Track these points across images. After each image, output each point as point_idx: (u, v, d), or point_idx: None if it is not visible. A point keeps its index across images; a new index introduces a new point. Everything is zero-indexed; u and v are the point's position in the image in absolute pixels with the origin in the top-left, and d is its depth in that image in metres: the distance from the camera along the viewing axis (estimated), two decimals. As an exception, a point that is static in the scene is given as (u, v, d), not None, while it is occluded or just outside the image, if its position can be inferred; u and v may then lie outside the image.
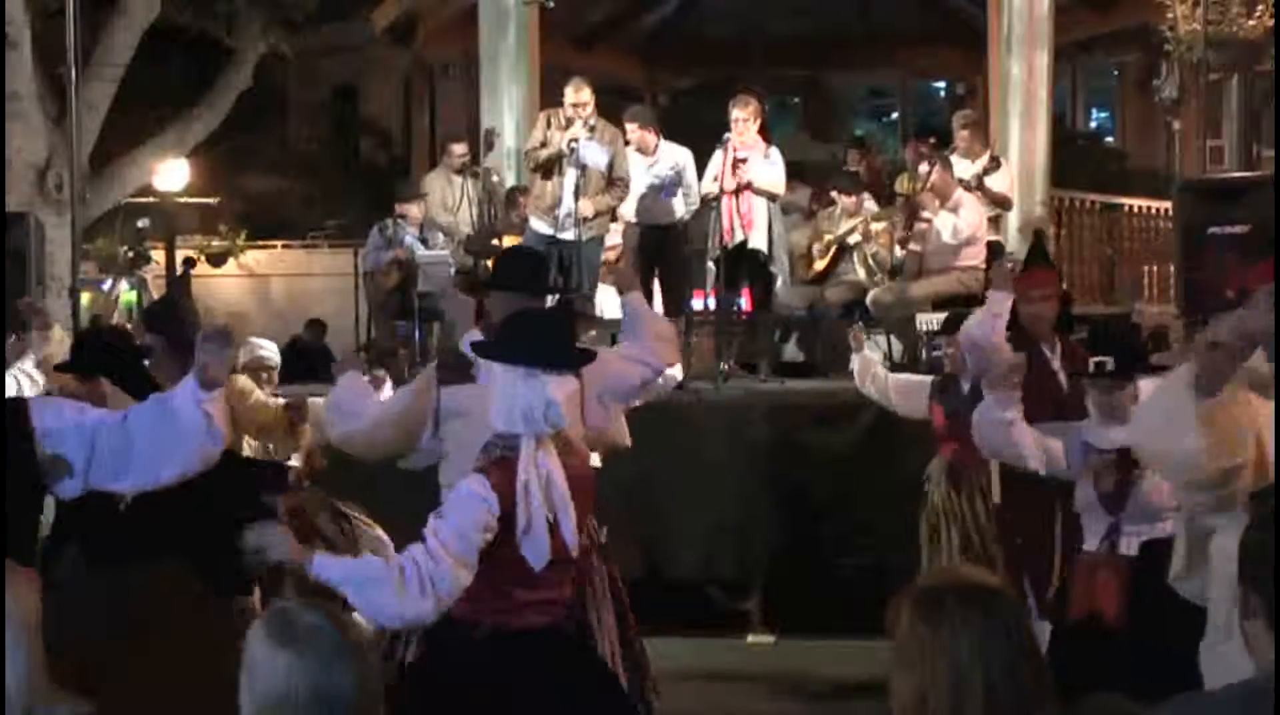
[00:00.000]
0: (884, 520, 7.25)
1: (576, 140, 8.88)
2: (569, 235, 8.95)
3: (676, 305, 9.69)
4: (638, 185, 9.45)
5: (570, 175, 8.95)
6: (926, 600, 2.31)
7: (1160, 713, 2.20)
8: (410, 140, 21.17)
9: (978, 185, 9.55)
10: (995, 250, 9.77)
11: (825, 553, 7.77)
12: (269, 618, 2.36)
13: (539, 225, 9.12)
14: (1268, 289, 3.38)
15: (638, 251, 9.69)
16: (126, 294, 12.59)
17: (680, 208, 9.54)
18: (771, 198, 9.24)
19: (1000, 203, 9.97)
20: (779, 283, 9.66)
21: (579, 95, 8.98)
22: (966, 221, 9.16)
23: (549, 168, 9.06)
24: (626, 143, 9.37)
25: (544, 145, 9.05)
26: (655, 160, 9.49)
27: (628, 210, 9.57)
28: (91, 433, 3.36)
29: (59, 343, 5.82)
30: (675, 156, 9.52)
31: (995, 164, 9.77)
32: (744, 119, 9.11)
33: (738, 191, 9.04)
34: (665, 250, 9.58)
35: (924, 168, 9.48)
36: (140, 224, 10.13)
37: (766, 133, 9.52)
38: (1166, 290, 11.77)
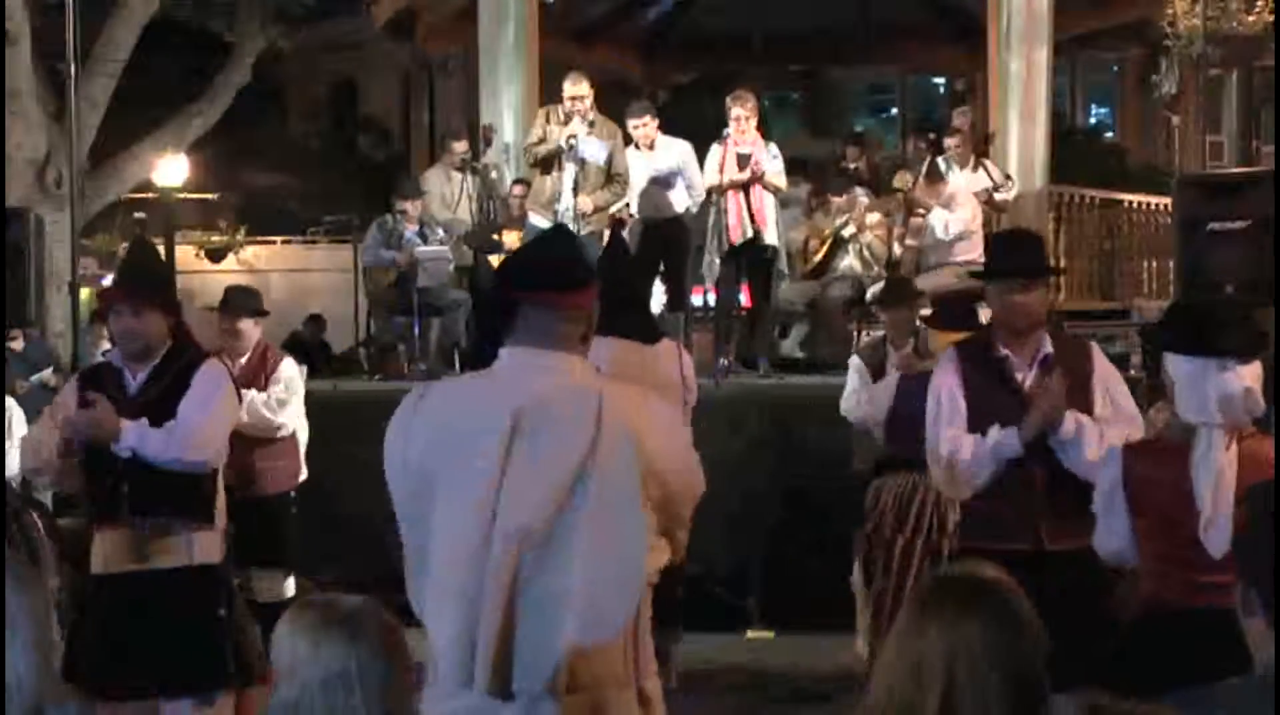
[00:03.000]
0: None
1: (575, 136, 8.90)
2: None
3: (679, 300, 9.71)
4: (640, 179, 9.46)
5: (569, 171, 8.97)
6: (924, 593, 2.32)
7: (1161, 708, 2.21)
8: (409, 136, 21.21)
9: (986, 200, 9.67)
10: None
11: (825, 549, 7.77)
12: (305, 610, 2.40)
13: (538, 220, 9.13)
14: None
15: (641, 246, 9.70)
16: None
17: (683, 201, 9.54)
18: (776, 192, 9.26)
19: (1002, 210, 10.15)
20: (784, 282, 9.70)
21: (577, 88, 8.99)
22: (960, 217, 9.22)
23: (548, 163, 9.08)
24: (628, 137, 9.40)
25: (543, 141, 9.07)
26: (657, 154, 9.50)
27: (630, 205, 9.59)
28: None
29: None
30: (676, 149, 9.53)
31: (1008, 180, 9.98)
32: (743, 116, 9.11)
33: (748, 187, 9.03)
34: (669, 244, 9.60)
35: (909, 177, 9.61)
36: (137, 215, 10.13)
37: (763, 129, 9.52)
38: (1166, 286, 11.77)
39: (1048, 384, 4.28)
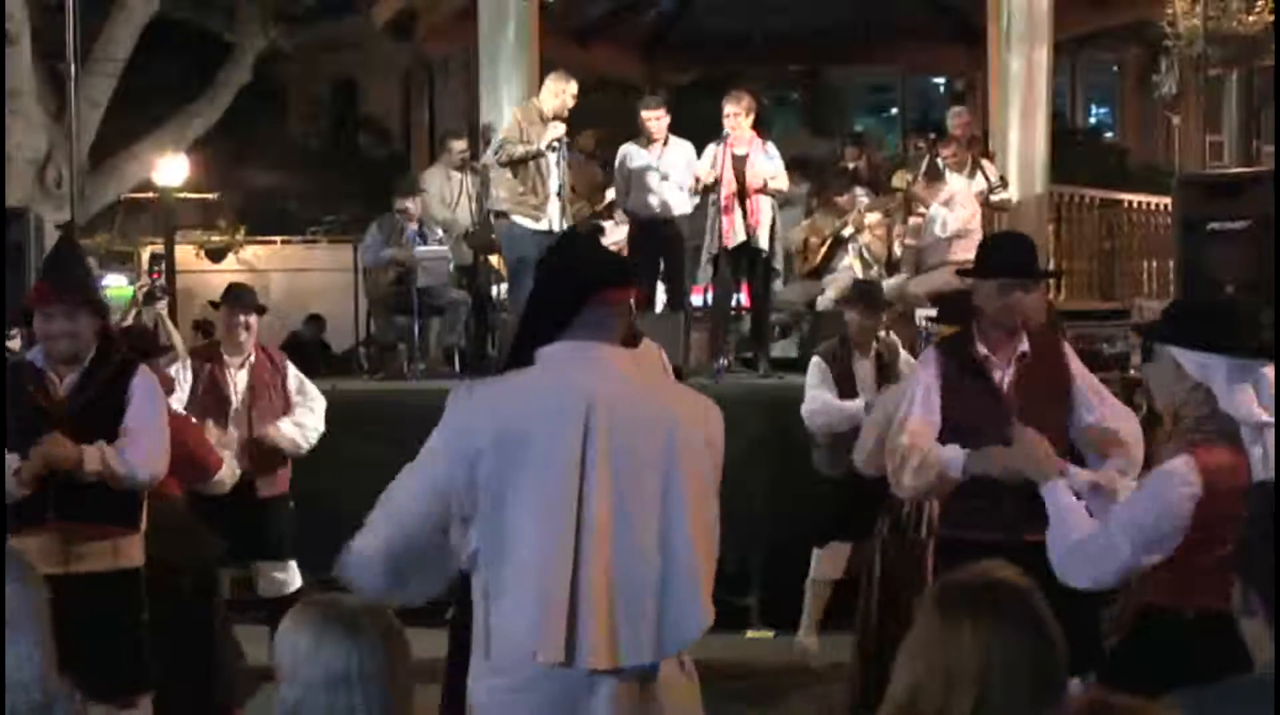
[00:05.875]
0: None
1: (560, 141, 8.98)
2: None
3: (678, 300, 9.71)
4: (646, 176, 9.46)
5: (555, 173, 9.09)
6: (946, 594, 2.31)
7: (1159, 705, 2.21)
8: (409, 135, 21.18)
9: (984, 202, 9.67)
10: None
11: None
12: (307, 609, 2.41)
13: (525, 222, 9.18)
14: None
15: (640, 245, 9.71)
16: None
17: (685, 202, 9.54)
18: (777, 194, 9.27)
19: (1003, 210, 10.15)
20: (779, 281, 9.69)
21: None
22: (959, 216, 9.23)
23: (517, 164, 9.19)
24: (633, 135, 9.49)
25: (525, 142, 9.11)
26: (667, 152, 9.50)
27: (636, 204, 9.62)
28: None
29: None
30: (684, 150, 9.53)
31: (1004, 183, 9.97)
32: (736, 114, 9.10)
33: (743, 191, 9.02)
34: (669, 244, 9.60)
35: (908, 177, 9.63)
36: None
37: (760, 129, 9.51)
38: (1166, 286, 11.77)
39: (1023, 437, 3.93)
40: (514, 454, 3.01)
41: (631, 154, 9.55)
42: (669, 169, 9.46)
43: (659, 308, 9.89)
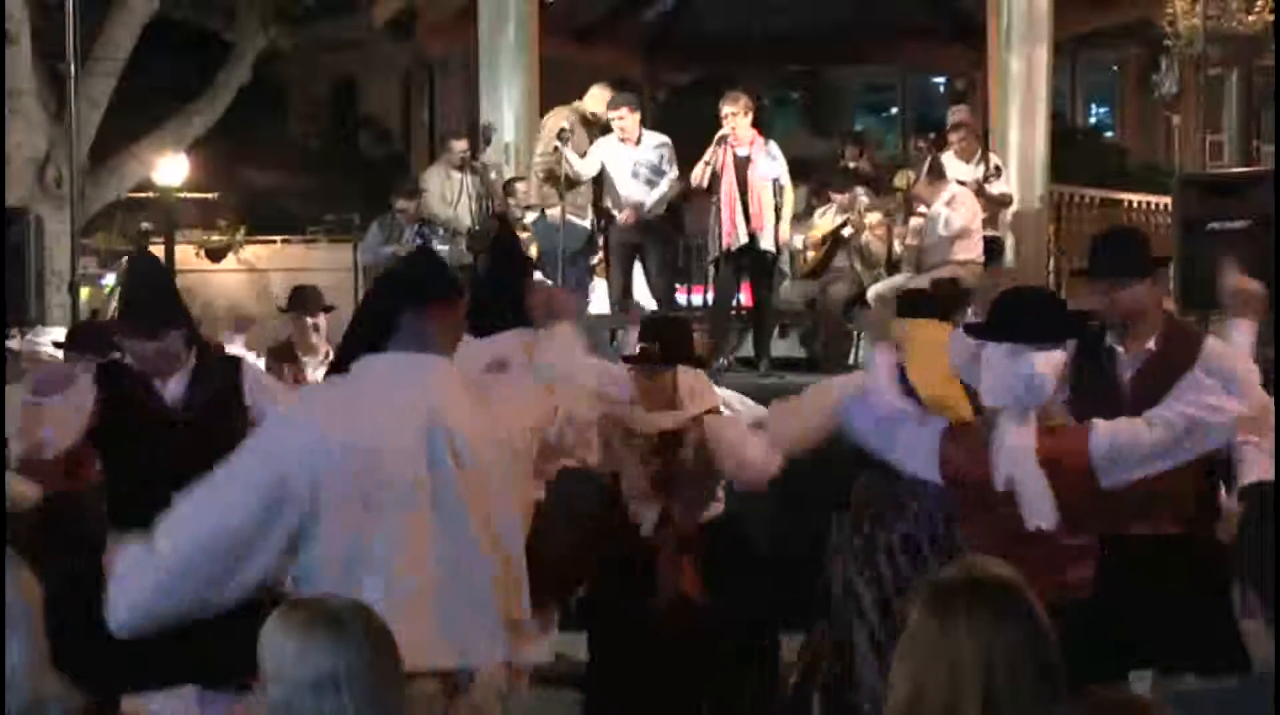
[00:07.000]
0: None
1: (562, 139, 9.27)
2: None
3: (662, 295, 9.72)
4: (622, 174, 9.47)
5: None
6: (939, 593, 2.31)
7: (1162, 707, 2.21)
8: (409, 135, 21.20)
9: (979, 192, 9.64)
10: (995, 247, 9.79)
11: (825, 549, 7.77)
12: (292, 610, 2.40)
13: (575, 219, 9.32)
14: None
15: (612, 242, 9.74)
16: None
17: (659, 200, 9.54)
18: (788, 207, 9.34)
19: (1002, 203, 10.11)
20: (786, 282, 9.71)
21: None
22: (960, 215, 9.22)
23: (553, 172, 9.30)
24: (609, 129, 9.51)
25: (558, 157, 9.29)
26: (641, 149, 9.50)
27: (610, 202, 9.65)
28: None
29: None
30: (659, 144, 9.53)
31: (997, 173, 9.91)
32: (733, 113, 9.09)
33: (745, 192, 9.02)
34: (644, 243, 9.61)
35: (910, 175, 9.60)
36: (144, 226, 10.09)
37: (759, 128, 9.51)
38: (1166, 285, 11.75)
39: None
40: (365, 468, 3.04)
41: (604, 147, 9.56)
42: (644, 165, 9.47)
43: (651, 306, 9.89)
